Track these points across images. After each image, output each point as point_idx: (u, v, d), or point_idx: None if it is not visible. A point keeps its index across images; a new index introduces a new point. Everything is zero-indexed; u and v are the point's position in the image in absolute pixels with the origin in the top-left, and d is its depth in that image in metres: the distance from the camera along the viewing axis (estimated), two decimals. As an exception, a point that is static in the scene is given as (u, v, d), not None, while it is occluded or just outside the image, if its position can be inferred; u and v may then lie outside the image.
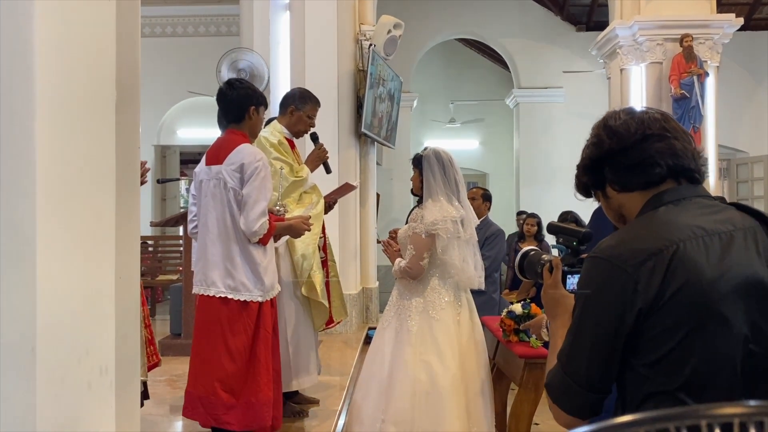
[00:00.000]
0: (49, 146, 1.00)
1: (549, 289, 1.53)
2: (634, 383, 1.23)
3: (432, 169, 3.14)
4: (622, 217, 1.39)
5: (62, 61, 1.06)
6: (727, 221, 1.25)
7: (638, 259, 1.20)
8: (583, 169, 1.42)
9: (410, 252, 3.11)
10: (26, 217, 0.94)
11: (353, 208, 6.60)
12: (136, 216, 1.45)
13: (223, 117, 2.97)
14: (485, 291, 4.21)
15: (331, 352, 5.44)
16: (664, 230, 1.22)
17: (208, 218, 2.78)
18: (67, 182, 1.06)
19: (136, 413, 1.32)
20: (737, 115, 10.82)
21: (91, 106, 1.16)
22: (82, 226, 1.08)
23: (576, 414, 1.29)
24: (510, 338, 3.21)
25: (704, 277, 1.17)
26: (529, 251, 1.71)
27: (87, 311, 1.06)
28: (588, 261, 1.30)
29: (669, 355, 1.18)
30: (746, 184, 11.17)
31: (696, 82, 7.51)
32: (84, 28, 1.13)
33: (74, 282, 1.04)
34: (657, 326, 1.19)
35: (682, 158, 1.30)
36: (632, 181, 1.33)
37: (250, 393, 2.69)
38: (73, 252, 1.05)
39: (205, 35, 10.74)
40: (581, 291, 1.31)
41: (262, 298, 2.77)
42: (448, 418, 2.98)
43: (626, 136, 1.33)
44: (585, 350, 1.26)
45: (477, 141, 13.63)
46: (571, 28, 11.77)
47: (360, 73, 6.85)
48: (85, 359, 1.03)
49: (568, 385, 1.29)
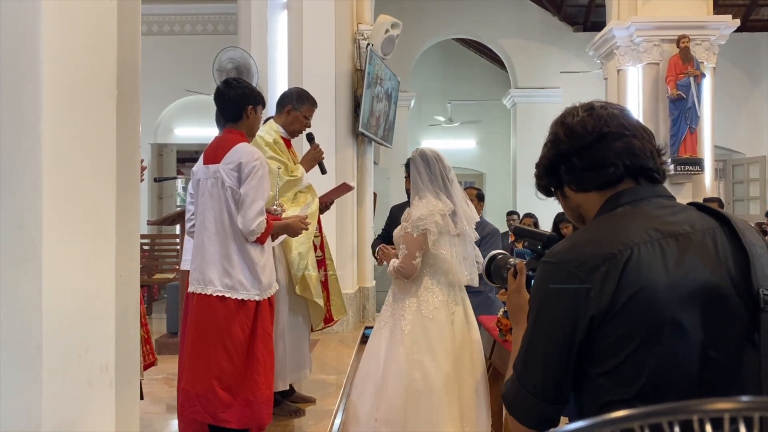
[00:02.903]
0: (54, 147, 1.01)
1: (513, 295, 1.47)
2: (591, 392, 1.18)
3: (418, 168, 3.15)
4: (581, 217, 1.35)
5: (67, 62, 1.06)
6: (685, 222, 1.20)
7: (591, 264, 1.15)
8: (541, 168, 1.39)
9: (403, 251, 3.12)
10: (33, 218, 0.94)
11: (350, 208, 6.61)
12: (135, 215, 1.46)
13: (221, 116, 2.98)
14: (482, 290, 4.21)
15: (328, 351, 5.44)
16: (620, 233, 1.17)
17: (205, 217, 2.78)
18: (70, 183, 1.06)
19: (136, 412, 1.32)
20: (733, 116, 10.86)
21: (93, 105, 1.16)
22: (85, 225, 1.09)
23: (533, 426, 1.23)
24: (507, 337, 3.22)
25: (660, 283, 1.12)
26: (497, 255, 1.67)
27: (88, 309, 1.07)
28: (540, 266, 1.25)
29: (624, 363, 1.13)
30: (742, 185, 11.22)
31: (693, 83, 7.53)
32: (87, 28, 1.14)
33: (77, 280, 1.04)
34: (611, 334, 1.14)
35: (640, 158, 1.26)
36: (589, 181, 1.29)
37: (248, 391, 2.69)
38: (76, 250, 1.05)
39: (202, 33, 10.73)
40: (534, 298, 1.25)
41: (259, 297, 2.78)
42: (441, 417, 2.98)
43: (582, 134, 1.29)
44: (539, 359, 1.21)
45: (474, 141, 13.64)
46: (569, 28, 11.79)
47: (357, 73, 6.86)
48: (85, 357, 1.03)
49: (523, 395, 1.22)
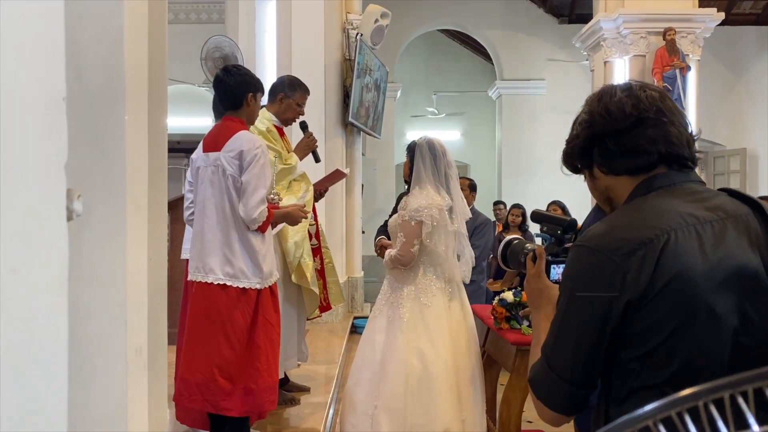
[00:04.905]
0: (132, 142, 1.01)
1: (532, 280, 1.45)
2: (621, 378, 1.17)
3: (423, 158, 3.15)
4: (609, 199, 1.32)
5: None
6: (718, 208, 1.19)
7: (628, 248, 1.13)
8: (573, 147, 1.33)
9: (401, 239, 3.12)
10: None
11: (339, 198, 6.60)
12: (163, 203, 1.47)
13: (220, 103, 2.95)
14: (474, 280, 4.24)
15: (318, 341, 5.44)
16: (655, 218, 1.16)
17: (206, 205, 2.76)
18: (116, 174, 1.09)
19: (164, 395, 1.32)
20: (715, 108, 10.98)
21: (131, 104, 1.20)
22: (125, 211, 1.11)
23: (561, 410, 1.23)
24: (501, 326, 3.25)
25: (696, 268, 1.11)
26: (513, 240, 1.65)
27: (124, 291, 1.07)
28: (574, 250, 1.23)
29: (658, 348, 1.13)
30: (723, 177, 11.36)
31: (678, 75, 7.62)
32: (124, 28, 1.16)
33: (116, 261, 1.04)
34: (646, 319, 1.13)
35: (676, 146, 1.23)
36: (621, 165, 1.26)
37: (249, 379, 2.69)
38: (118, 233, 1.05)
39: (185, 22, 10.57)
40: (567, 281, 1.24)
41: (260, 286, 2.77)
42: (440, 404, 3.00)
43: (620, 118, 1.24)
44: (570, 344, 1.20)
45: (459, 132, 13.66)
46: (554, 20, 11.85)
47: (347, 63, 6.84)
48: (123, 338, 1.03)
49: (552, 380, 1.22)
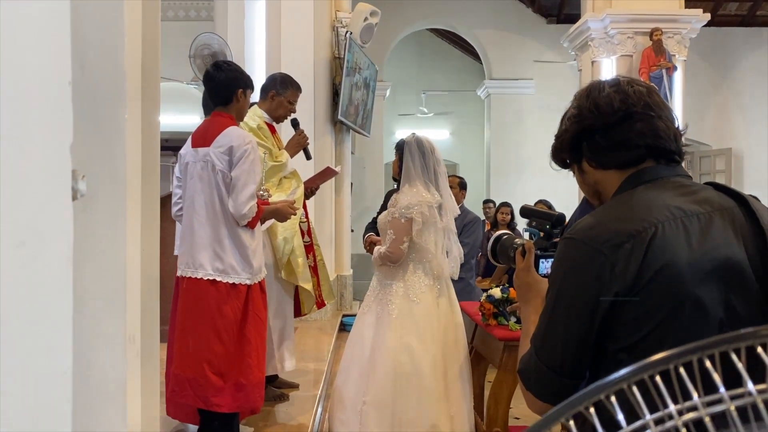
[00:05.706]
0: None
1: (521, 274, 1.47)
2: (608, 368, 1.14)
3: (412, 156, 3.17)
4: (598, 193, 1.35)
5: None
6: (705, 201, 1.21)
7: (616, 240, 1.15)
8: (561, 142, 1.36)
9: (390, 236, 3.14)
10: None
11: (329, 196, 6.59)
12: (156, 198, 1.49)
13: (210, 99, 2.95)
14: (463, 277, 4.26)
15: (307, 339, 5.44)
16: (643, 211, 1.18)
17: (195, 201, 2.76)
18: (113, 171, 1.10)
19: (156, 383, 1.33)
20: (701, 108, 11.10)
21: (129, 105, 1.22)
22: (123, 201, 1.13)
23: (550, 400, 1.24)
24: (489, 322, 3.27)
25: (683, 260, 1.14)
26: (502, 235, 1.67)
27: (118, 280, 1.08)
28: (563, 242, 1.25)
29: (645, 339, 1.14)
30: (709, 176, 11.48)
31: (665, 76, 7.68)
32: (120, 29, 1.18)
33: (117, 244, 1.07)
34: (634, 310, 1.15)
35: (664, 140, 1.26)
36: (610, 160, 1.29)
37: (239, 374, 2.69)
38: (114, 226, 1.07)
39: (173, 20, 10.53)
40: (556, 273, 1.25)
41: (250, 281, 2.77)
42: (428, 400, 3.02)
43: (609, 113, 1.26)
44: (559, 334, 1.22)
45: (448, 131, 13.71)
46: (542, 20, 11.92)
47: (336, 61, 6.83)
48: (123, 319, 1.05)
49: (541, 370, 1.24)
